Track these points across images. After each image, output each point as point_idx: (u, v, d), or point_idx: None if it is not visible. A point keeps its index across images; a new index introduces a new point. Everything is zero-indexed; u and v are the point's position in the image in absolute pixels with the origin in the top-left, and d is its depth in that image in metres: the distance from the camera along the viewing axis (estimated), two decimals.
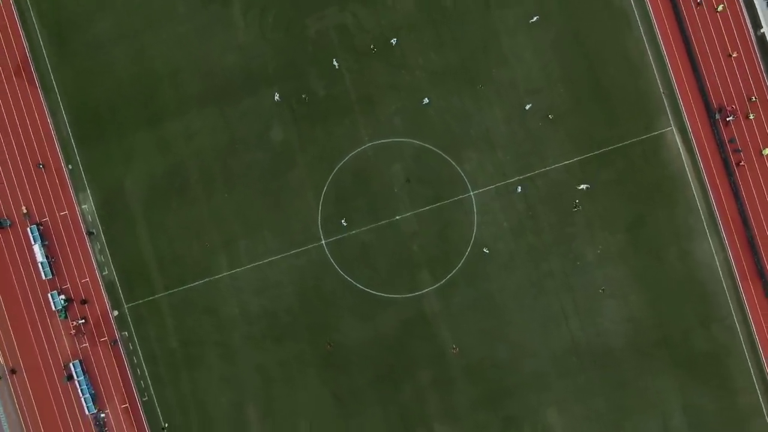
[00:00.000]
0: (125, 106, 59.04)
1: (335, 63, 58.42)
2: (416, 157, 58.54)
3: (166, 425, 58.02)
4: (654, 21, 58.28)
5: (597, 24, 58.42)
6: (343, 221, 57.98)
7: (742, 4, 57.97)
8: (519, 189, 57.54)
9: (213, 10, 59.38)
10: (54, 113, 59.44)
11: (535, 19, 57.90)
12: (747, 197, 57.87)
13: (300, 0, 59.13)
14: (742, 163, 57.52)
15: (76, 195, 59.03)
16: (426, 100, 58.09)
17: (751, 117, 57.43)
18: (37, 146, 59.22)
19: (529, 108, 57.65)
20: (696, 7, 58.04)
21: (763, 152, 57.73)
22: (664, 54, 58.23)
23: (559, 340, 58.03)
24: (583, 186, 57.34)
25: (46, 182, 58.96)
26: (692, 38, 58.09)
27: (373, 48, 58.40)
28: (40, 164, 58.84)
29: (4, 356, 58.27)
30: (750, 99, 57.61)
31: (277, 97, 58.52)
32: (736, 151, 57.86)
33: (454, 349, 57.57)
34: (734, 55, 57.77)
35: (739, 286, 58.01)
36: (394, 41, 58.41)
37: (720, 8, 57.97)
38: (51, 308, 58.09)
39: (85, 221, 58.96)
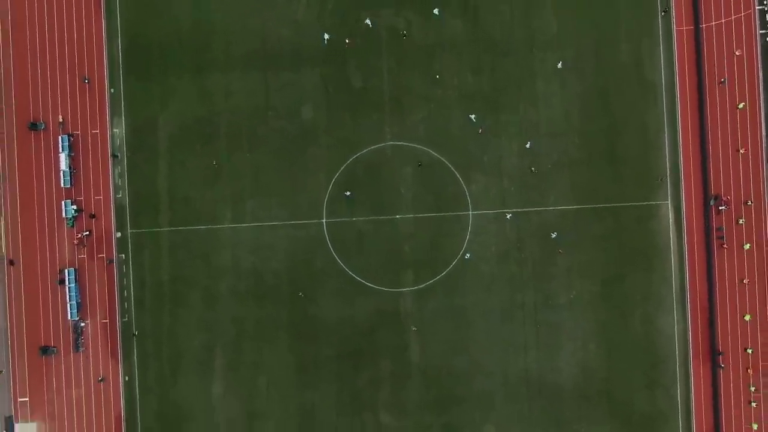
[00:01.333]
0: (178, 49, 62.60)
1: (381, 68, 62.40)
2: (429, 165, 62.24)
3: (136, 332, 61.78)
4: (678, 100, 62.07)
5: (626, 90, 62.15)
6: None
7: (762, 107, 61.81)
8: (508, 216, 61.32)
9: None
10: (111, 37, 62.87)
11: (560, 65, 61.56)
12: (719, 283, 61.77)
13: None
14: (725, 245, 61.36)
15: (111, 118, 62.62)
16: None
17: (741, 222, 61.44)
18: (87, 63, 62.66)
19: (530, 146, 61.62)
20: (718, 85, 61.71)
21: (745, 246, 61.65)
22: (679, 134, 62.05)
23: (515, 367, 61.92)
24: (553, 234, 61.25)
25: (87, 99, 62.49)
26: (708, 125, 61.87)
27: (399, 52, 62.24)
28: (85, 78, 62.30)
29: (6, 246, 61.94)
30: (746, 203, 61.62)
31: (326, 37, 61.75)
32: (720, 238, 61.79)
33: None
34: (742, 152, 61.64)
35: (690, 362, 61.92)
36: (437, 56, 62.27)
37: (741, 106, 61.77)
38: (62, 215, 61.70)
39: (112, 144, 62.58)
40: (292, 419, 61.95)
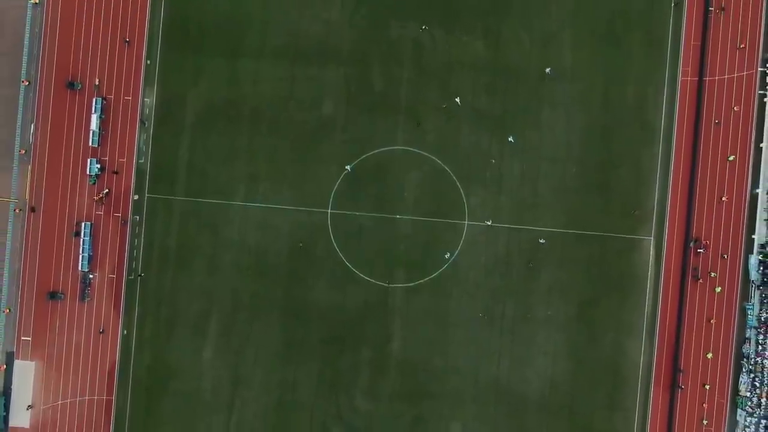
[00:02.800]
0: (216, 31, 66.38)
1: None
2: (433, 173, 66.21)
3: (142, 274, 65.84)
4: (674, 144, 66.09)
5: (626, 128, 66.09)
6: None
7: (750, 160, 65.90)
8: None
9: None
10: (154, 12, 66.59)
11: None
12: (688, 317, 65.91)
13: (394, 4, 66.64)
14: (700, 280, 65.62)
15: (144, 87, 66.53)
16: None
17: (714, 275, 65.91)
18: (129, 33, 66.55)
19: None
20: (714, 129, 65.77)
21: (716, 290, 65.77)
22: (671, 176, 66.10)
23: (487, 372, 66.02)
24: (542, 240, 65.55)
25: (123, 66, 66.34)
26: (699, 171, 65.92)
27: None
28: (126, 40, 66.06)
29: (30, 194, 65.90)
30: (722, 256, 66.07)
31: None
32: (695, 278, 65.90)
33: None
34: (725, 199, 65.74)
35: (651, 390, 66.07)
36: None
37: (731, 158, 65.86)
38: (86, 172, 65.67)
39: (142, 111, 66.51)
40: (273, 392, 66.03)
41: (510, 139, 65.56)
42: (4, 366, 65.83)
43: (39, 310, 66.00)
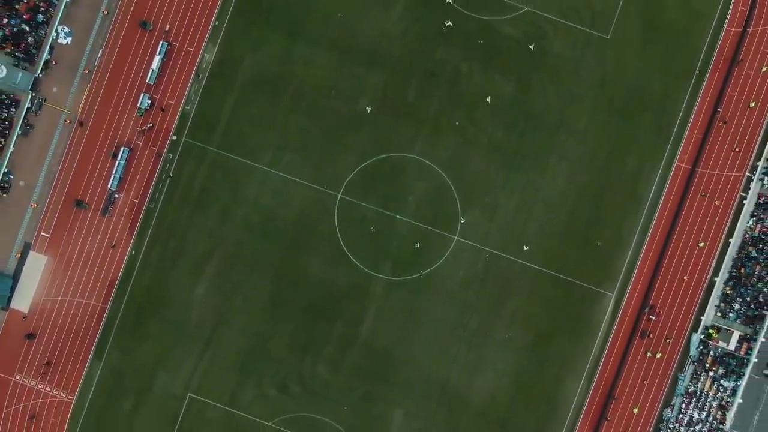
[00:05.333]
0: (284, 10, 72.84)
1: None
2: (439, 187, 73.24)
3: (171, 174, 72.76)
4: (655, 218, 73.40)
5: (618, 193, 73.23)
6: (372, 228, 72.94)
7: (717, 251, 73.26)
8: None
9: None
10: None
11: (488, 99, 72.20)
12: (626, 373, 73.39)
13: (445, 31, 73.49)
14: (651, 334, 73.06)
15: (206, 44, 73.43)
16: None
17: (658, 356, 73.41)
18: None
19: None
20: (699, 197, 73.07)
21: (657, 354, 73.30)
22: (645, 245, 73.49)
23: (439, 372, 73.35)
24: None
25: (194, 20, 73.14)
26: (670, 248, 73.29)
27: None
28: None
29: (82, 109, 72.76)
30: (666, 339, 73.52)
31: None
32: (642, 337, 73.37)
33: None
34: (686, 278, 73.22)
35: (577, 428, 73.58)
36: (488, 99, 73.19)
37: (701, 245, 73.32)
38: (136, 103, 72.62)
39: (199, 64, 73.39)
40: (248, 339, 73.24)
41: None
42: (20, 254, 72.84)
43: (63, 212, 72.99)
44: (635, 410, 73.52)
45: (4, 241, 72.90)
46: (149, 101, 72.71)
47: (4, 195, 72.60)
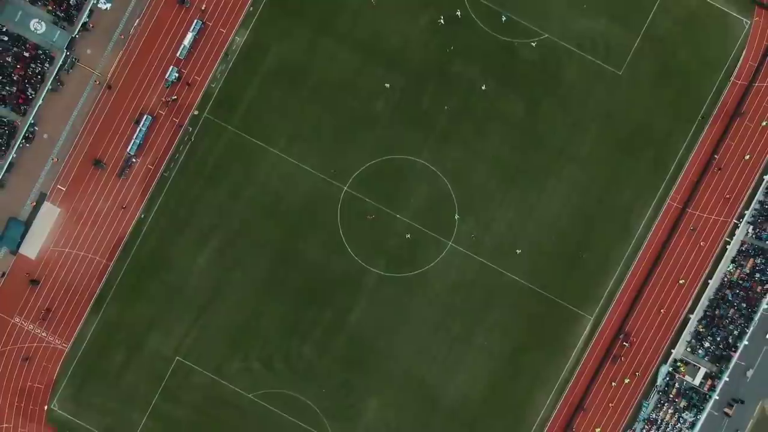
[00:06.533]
0: (315, 6, 76.20)
1: (446, 107, 76.84)
2: (441, 192, 76.56)
3: (192, 139, 75.91)
4: (641, 251, 76.83)
5: (609, 223, 76.62)
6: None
7: (696, 289, 76.71)
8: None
9: (415, 7, 76.79)
10: None
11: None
12: (594, 392, 77.00)
13: (466, 45, 76.71)
14: (623, 359, 76.76)
15: (239, 27, 76.64)
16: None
17: (626, 381, 76.96)
18: None
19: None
20: (689, 233, 76.52)
21: (625, 380, 76.83)
22: (628, 274, 76.98)
23: (418, 369, 76.77)
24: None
25: (229, 3, 76.39)
26: (652, 280, 76.75)
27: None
28: None
29: (112, 73, 76.02)
30: (634, 372, 77.03)
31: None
32: (614, 361, 76.81)
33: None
34: (662, 311, 76.68)
35: None
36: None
37: (682, 281, 76.77)
38: (164, 75, 75.91)
39: (229, 47, 76.66)
40: (241, 313, 76.60)
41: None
42: (35, 203, 76.10)
43: (81, 169, 76.26)
44: (597, 430, 77.00)
45: (22, 188, 76.21)
46: (177, 75, 75.95)
47: (27, 145, 75.87)
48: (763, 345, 75.57)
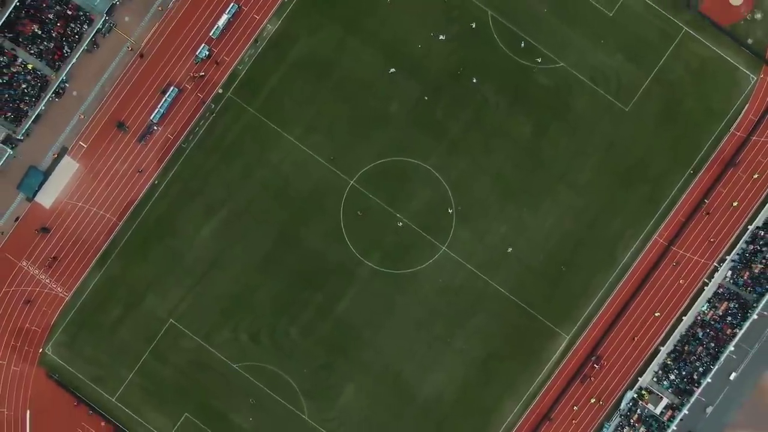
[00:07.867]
0: (347, 4, 79.70)
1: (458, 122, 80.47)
2: (442, 198, 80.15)
3: (215, 114, 79.20)
4: (623, 282, 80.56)
5: (596, 249, 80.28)
6: (450, 209, 79.75)
7: (669, 324, 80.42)
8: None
9: (441, 20, 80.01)
10: None
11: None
12: (561, 407, 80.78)
13: (485, 62, 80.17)
14: (592, 378, 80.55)
15: (272, 16, 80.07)
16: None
17: (592, 401, 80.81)
18: None
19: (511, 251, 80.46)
20: (671, 269, 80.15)
21: (591, 400, 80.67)
22: (608, 300, 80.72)
23: (397, 362, 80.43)
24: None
25: None
26: (630, 310, 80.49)
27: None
28: None
29: (146, 43, 79.49)
30: (599, 401, 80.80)
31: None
32: (582, 381, 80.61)
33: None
34: (636, 339, 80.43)
35: None
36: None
37: (657, 314, 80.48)
38: (195, 52, 79.46)
39: (260, 33, 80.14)
40: (237, 285, 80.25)
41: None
42: (56, 155, 79.69)
43: (105, 129, 79.84)
44: None
45: (46, 140, 79.83)
46: (207, 52, 79.47)
47: (57, 99, 79.47)
48: (725, 385, 79.31)
